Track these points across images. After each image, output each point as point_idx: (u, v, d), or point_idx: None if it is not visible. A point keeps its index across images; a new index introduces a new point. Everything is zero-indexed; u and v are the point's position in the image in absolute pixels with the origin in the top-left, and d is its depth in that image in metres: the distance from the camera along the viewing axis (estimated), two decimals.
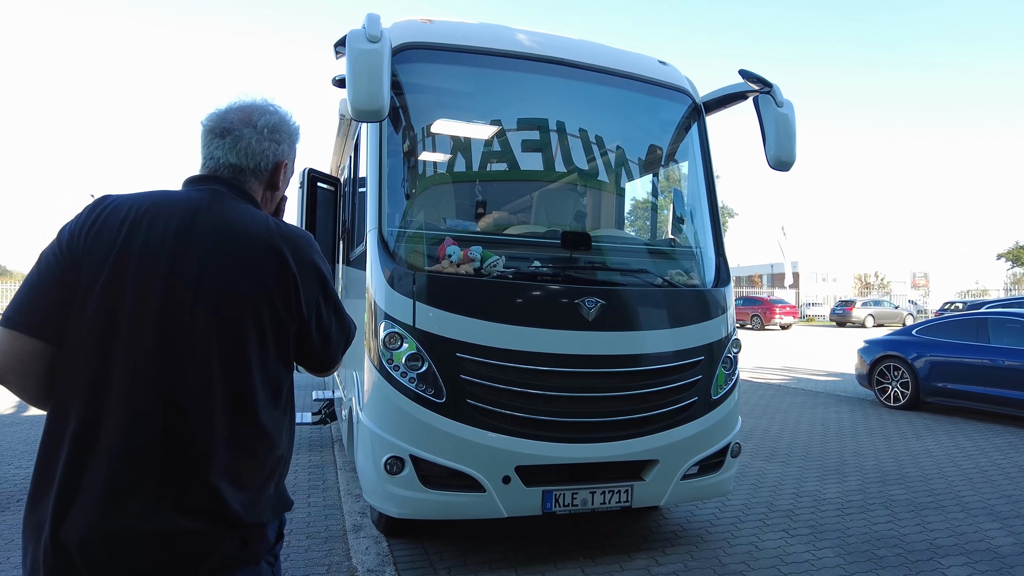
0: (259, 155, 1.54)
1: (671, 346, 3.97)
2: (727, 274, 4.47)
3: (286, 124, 1.60)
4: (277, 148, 1.57)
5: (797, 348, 21.92)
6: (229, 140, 1.52)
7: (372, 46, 3.34)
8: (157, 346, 1.31)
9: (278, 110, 1.60)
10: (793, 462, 6.58)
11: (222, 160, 1.52)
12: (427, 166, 4.52)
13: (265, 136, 1.54)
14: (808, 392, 11.69)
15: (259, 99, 1.60)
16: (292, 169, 1.66)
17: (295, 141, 1.64)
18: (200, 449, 1.32)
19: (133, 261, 1.33)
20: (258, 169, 1.55)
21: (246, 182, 1.55)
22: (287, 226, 1.51)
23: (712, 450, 4.12)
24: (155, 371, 1.31)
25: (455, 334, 3.59)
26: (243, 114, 1.54)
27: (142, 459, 1.28)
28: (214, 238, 1.38)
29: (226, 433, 1.34)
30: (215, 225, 1.40)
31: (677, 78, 4.75)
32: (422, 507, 3.58)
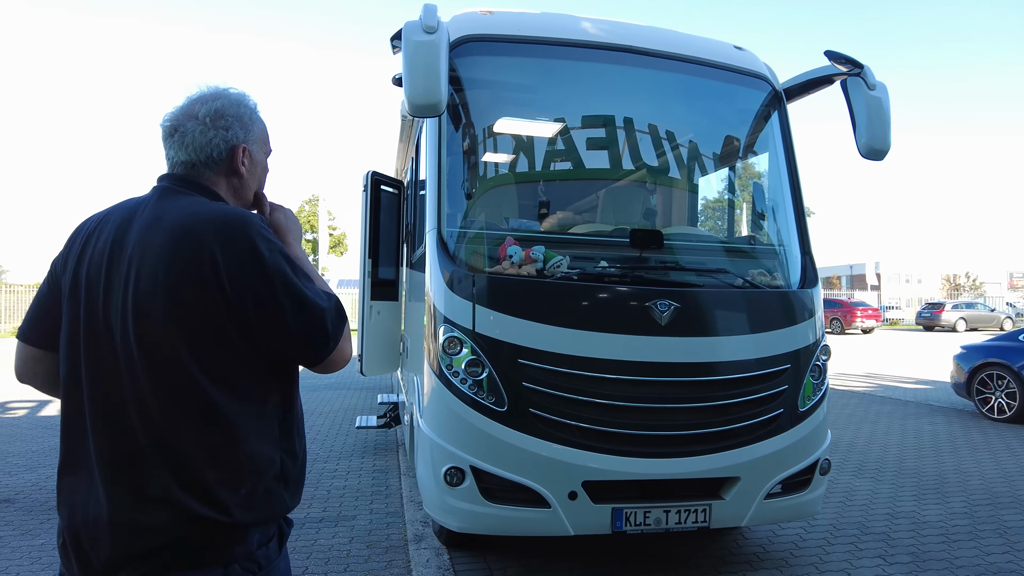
0: (207, 146, 1.52)
1: (753, 353, 3.64)
2: (814, 274, 4.10)
3: (233, 107, 1.55)
4: (226, 134, 1.53)
5: (881, 353, 20.68)
6: (177, 137, 1.52)
7: (428, 37, 3.18)
8: (105, 350, 1.39)
9: (223, 94, 1.56)
10: (885, 478, 6.06)
11: (174, 158, 1.54)
12: (488, 164, 4.35)
13: (209, 125, 1.52)
14: (897, 401, 10.91)
15: (207, 88, 1.57)
16: (258, 150, 1.61)
17: (249, 121, 1.58)
18: (147, 445, 1.36)
19: (83, 273, 1.44)
20: (211, 160, 1.53)
21: (201, 175, 1.54)
22: (223, 210, 1.45)
23: (799, 467, 3.76)
24: (105, 373, 1.39)
25: (517, 339, 3.39)
26: (188, 107, 1.54)
27: (106, 452, 1.38)
28: (141, 236, 1.41)
29: (173, 429, 1.36)
30: (145, 224, 1.42)
31: (755, 64, 4.42)
32: (484, 521, 3.39)
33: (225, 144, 1.53)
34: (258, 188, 1.67)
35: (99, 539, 1.34)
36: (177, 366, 1.36)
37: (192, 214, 1.41)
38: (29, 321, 1.55)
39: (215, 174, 1.55)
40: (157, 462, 1.35)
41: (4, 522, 4.67)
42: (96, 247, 1.44)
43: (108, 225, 1.46)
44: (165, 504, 1.34)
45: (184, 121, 1.51)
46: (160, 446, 1.35)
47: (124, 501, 1.34)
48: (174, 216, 1.41)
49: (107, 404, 1.38)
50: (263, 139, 1.63)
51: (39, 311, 1.53)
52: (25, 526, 4.59)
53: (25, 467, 6.22)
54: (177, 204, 1.44)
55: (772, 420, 3.67)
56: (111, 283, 1.39)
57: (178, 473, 1.35)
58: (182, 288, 1.35)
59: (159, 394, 1.36)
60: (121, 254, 1.40)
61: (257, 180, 1.64)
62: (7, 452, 6.82)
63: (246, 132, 1.56)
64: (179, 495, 1.34)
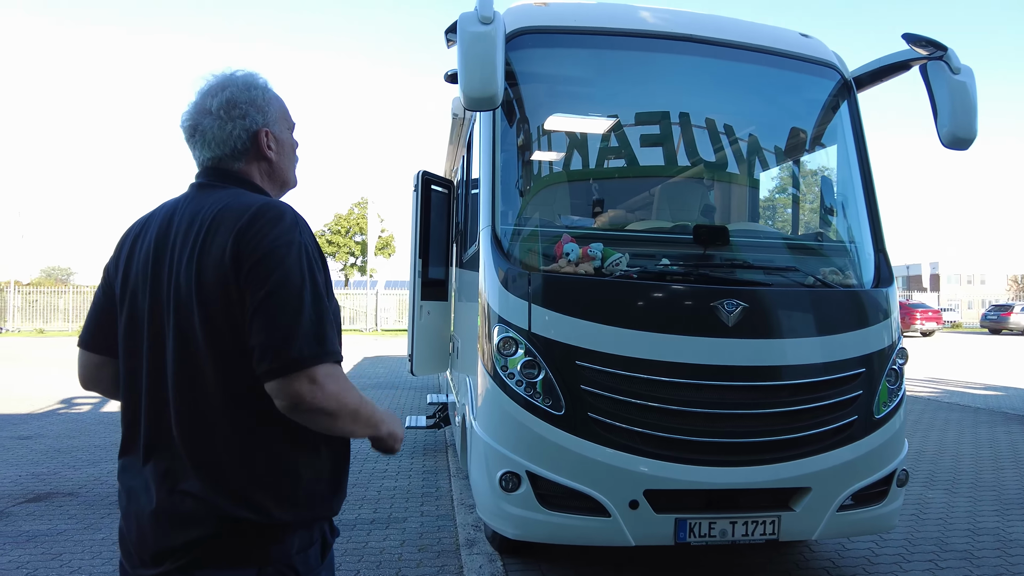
0: (228, 139, 1.48)
1: (826, 356, 3.43)
2: (889, 272, 3.86)
3: (244, 93, 1.50)
4: (244, 122, 1.49)
5: (945, 357, 19.76)
6: (197, 136, 1.49)
7: (484, 28, 3.09)
8: (158, 351, 1.38)
9: (230, 81, 1.51)
10: (960, 491, 5.70)
11: (202, 157, 1.51)
12: (544, 160, 4.24)
13: (224, 117, 1.48)
14: (966, 408, 10.36)
15: (212, 77, 1.52)
16: (281, 129, 1.56)
17: (264, 103, 1.52)
18: (180, 444, 1.34)
19: (132, 276, 1.44)
20: (236, 152, 1.50)
21: (232, 166, 1.51)
22: (260, 199, 1.39)
23: (874, 477, 3.53)
24: (157, 375, 1.38)
25: (574, 340, 3.27)
26: (200, 103, 1.49)
27: (152, 449, 1.39)
28: (181, 234, 1.39)
29: (202, 429, 1.34)
30: (183, 221, 1.40)
31: (823, 52, 4.19)
32: (540, 529, 3.28)
33: (246, 133, 1.49)
34: (291, 168, 1.62)
35: (145, 531, 1.36)
36: (204, 363, 1.33)
37: (225, 206, 1.38)
38: (88, 328, 1.55)
39: (244, 163, 1.51)
40: (188, 462, 1.33)
41: (68, 516, 4.78)
42: (141, 250, 1.45)
43: (151, 227, 1.46)
44: (200, 501, 1.32)
45: (200, 119, 1.48)
46: (189, 445, 1.34)
47: (165, 496, 1.34)
48: (207, 210, 1.39)
49: (155, 403, 1.38)
50: (283, 116, 1.58)
51: (97, 318, 1.54)
52: (87, 520, 4.68)
53: (88, 461, 6.39)
54: (213, 198, 1.42)
55: (845, 427, 3.46)
56: (158, 283, 1.39)
57: (209, 473, 1.33)
58: (207, 282, 1.31)
59: (190, 394, 1.34)
60: (163, 254, 1.39)
61: (288, 158, 1.60)
62: (72, 447, 7.03)
63: (263, 115, 1.51)
64: (211, 495, 1.32)
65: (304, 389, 1.25)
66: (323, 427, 1.33)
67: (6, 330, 26.67)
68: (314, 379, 1.26)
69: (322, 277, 1.37)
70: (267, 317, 1.27)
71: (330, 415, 1.29)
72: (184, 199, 1.48)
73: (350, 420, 1.34)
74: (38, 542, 4.24)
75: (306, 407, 1.26)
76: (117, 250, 1.54)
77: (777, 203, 4.87)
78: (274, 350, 1.25)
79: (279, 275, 1.28)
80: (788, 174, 4.68)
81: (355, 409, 1.34)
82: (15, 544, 4.20)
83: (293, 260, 1.30)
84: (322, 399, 1.26)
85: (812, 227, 4.58)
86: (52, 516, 4.75)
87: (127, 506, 1.42)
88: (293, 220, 1.36)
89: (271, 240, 1.30)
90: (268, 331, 1.26)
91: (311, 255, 1.35)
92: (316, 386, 1.26)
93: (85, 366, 1.57)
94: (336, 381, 1.29)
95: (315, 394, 1.26)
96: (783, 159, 4.62)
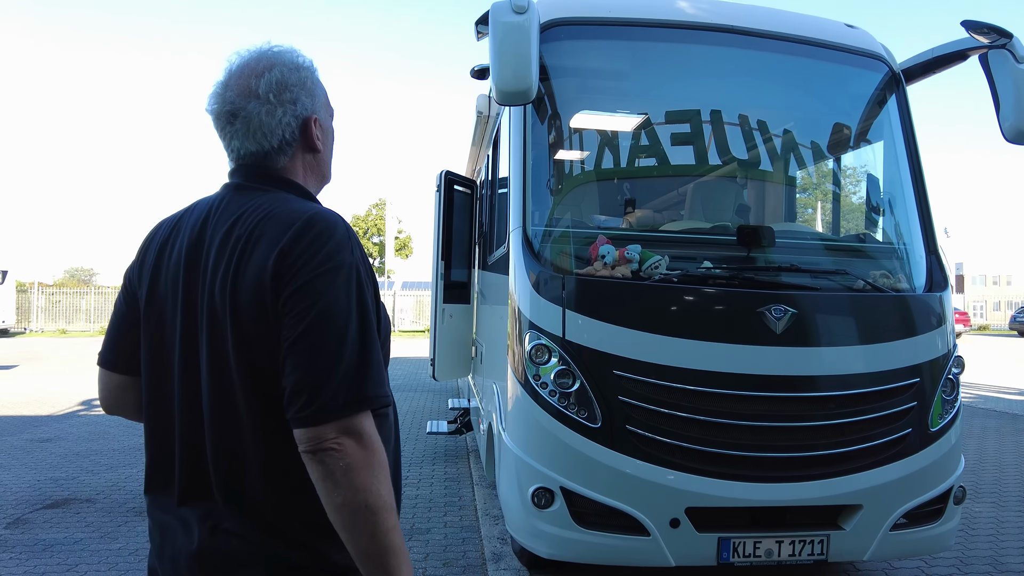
0: (278, 128, 1.26)
1: (878, 365, 3.22)
2: (943, 275, 3.63)
3: (293, 72, 1.28)
4: (294, 108, 1.28)
5: (975, 361, 19.26)
6: (239, 124, 1.26)
7: (518, 18, 2.92)
8: (187, 377, 1.21)
9: (276, 59, 1.28)
10: (1009, 504, 5.43)
11: (242, 150, 1.29)
12: (576, 158, 4.06)
13: (274, 103, 1.25)
14: (1004, 415, 10.00)
15: (249, 54, 1.29)
16: (325, 116, 1.37)
17: (313, 85, 1.32)
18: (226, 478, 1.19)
19: (161, 288, 1.26)
20: (283, 143, 1.28)
21: (276, 161, 1.29)
22: (294, 208, 1.19)
23: (930, 494, 3.32)
24: (191, 403, 1.21)
25: (611, 348, 3.09)
26: (242, 84, 1.26)
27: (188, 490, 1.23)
28: (212, 246, 1.20)
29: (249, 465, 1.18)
30: (220, 228, 1.21)
31: (870, 43, 3.98)
32: (575, 548, 3.10)
33: (296, 120, 1.28)
34: (331, 161, 1.44)
35: (183, 574, 1.20)
36: (239, 394, 1.15)
37: (267, 215, 1.18)
38: (110, 344, 1.36)
39: (289, 158, 1.31)
40: (233, 503, 1.17)
41: (85, 523, 4.68)
42: (171, 259, 1.26)
43: (181, 233, 1.27)
44: (249, 543, 1.16)
45: (243, 103, 1.25)
46: (232, 484, 1.17)
47: (208, 536, 1.18)
48: (247, 219, 1.19)
49: (191, 439, 1.20)
50: (326, 101, 1.38)
51: (120, 331, 1.34)
52: (104, 528, 4.58)
53: (107, 466, 6.32)
54: (253, 204, 1.22)
55: (899, 441, 3.25)
56: (190, 300, 1.21)
57: (258, 515, 1.16)
58: (243, 303, 1.13)
59: (231, 428, 1.17)
60: (196, 266, 1.21)
61: (330, 150, 1.42)
62: (90, 450, 6.97)
63: (313, 100, 1.31)
64: (261, 536, 1.16)
65: (328, 439, 1.06)
66: (330, 489, 1.07)
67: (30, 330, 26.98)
68: (347, 430, 1.07)
69: (371, 297, 1.18)
70: (302, 356, 1.08)
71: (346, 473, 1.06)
72: (218, 202, 1.27)
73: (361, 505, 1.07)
74: (54, 551, 4.14)
75: (329, 460, 1.06)
76: (140, 254, 1.34)
77: (820, 202, 4.65)
78: (305, 395, 1.07)
79: (321, 307, 1.09)
80: (832, 172, 4.46)
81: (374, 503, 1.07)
82: (31, 553, 4.10)
83: (341, 287, 1.11)
84: (349, 454, 1.06)
85: (858, 228, 4.36)
86: (69, 524, 4.66)
87: (161, 545, 1.25)
88: (345, 236, 1.16)
89: (318, 263, 1.11)
90: (301, 372, 1.08)
91: (362, 278, 1.16)
92: (346, 438, 1.07)
93: (108, 388, 1.38)
94: (370, 442, 1.09)
95: (344, 447, 1.06)
96: (826, 156, 4.40)
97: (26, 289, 27.80)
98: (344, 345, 1.09)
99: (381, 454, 1.11)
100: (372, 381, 1.11)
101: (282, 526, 1.16)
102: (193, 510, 1.20)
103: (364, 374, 1.10)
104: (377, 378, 1.13)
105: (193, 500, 1.20)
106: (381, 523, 1.07)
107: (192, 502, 1.20)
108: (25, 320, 27.30)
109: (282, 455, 1.14)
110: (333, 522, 1.08)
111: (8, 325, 24.95)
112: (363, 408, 1.09)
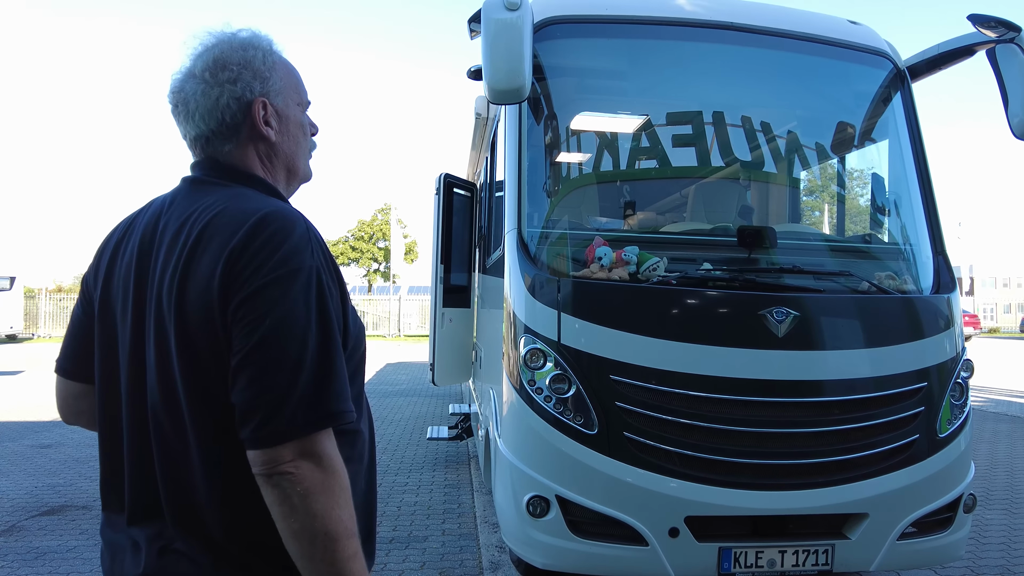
0: (215, 109, 1.16)
1: (885, 369, 3.13)
2: (950, 277, 3.54)
3: (238, 52, 1.17)
4: (234, 88, 1.16)
5: (985, 364, 19.04)
6: (180, 107, 1.18)
7: (511, 15, 2.86)
8: (134, 386, 1.14)
9: (220, 36, 1.19)
10: (1021, 511, 5.31)
11: (187, 136, 1.21)
12: (573, 159, 3.99)
13: (210, 81, 1.15)
14: (1015, 419, 9.85)
15: (205, 35, 1.20)
16: (286, 103, 1.23)
17: (264, 67, 1.19)
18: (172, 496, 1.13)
19: (112, 293, 1.19)
20: (225, 127, 1.17)
21: (221, 151, 1.19)
22: (249, 206, 1.08)
23: (939, 503, 3.22)
24: (138, 414, 1.13)
25: (608, 352, 3.01)
26: (188, 67, 1.18)
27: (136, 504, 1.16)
28: (162, 245, 1.12)
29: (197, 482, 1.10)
30: (170, 229, 1.13)
31: (874, 40, 3.89)
32: (571, 558, 3.01)
33: (236, 102, 1.16)
34: (300, 155, 1.28)
35: None
36: (187, 411, 1.07)
37: (219, 212, 1.09)
38: (66, 351, 1.30)
39: (235, 146, 1.19)
40: (179, 522, 1.10)
41: (80, 531, 4.63)
42: (123, 259, 1.19)
43: (135, 233, 1.19)
44: (198, 565, 1.09)
45: (181, 85, 1.17)
46: (177, 502, 1.09)
47: (155, 558, 1.11)
48: (198, 216, 1.11)
49: (139, 450, 1.14)
50: (291, 87, 1.24)
51: (76, 338, 1.28)
52: (98, 536, 4.52)
53: None
54: (208, 199, 1.12)
55: (907, 447, 3.15)
56: (140, 303, 1.13)
57: (204, 535, 1.09)
58: (190, 312, 1.04)
59: (176, 442, 1.09)
60: (146, 267, 1.13)
61: (293, 140, 1.26)
62: (90, 456, 6.93)
63: (263, 82, 1.18)
64: (210, 557, 1.09)
65: (285, 462, 0.98)
66: (286, 514, 0.99)
67: (37, 336, 27.09)
68: (305, 451, 0.99)
69: (335, 304, 1.09)
70: (255, 370, 0.99)
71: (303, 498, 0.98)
72: (173, 197, 1.19)
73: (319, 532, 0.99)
74: (47, 559, 4.09)
75: (286, 484, 0.98)
76: (96, 257, 1.26)
77: (823, 203, 4.56)
78: (260, 414, 0.98)
79: (276, 316, 1.00)
80: (835, 172, 4.37)
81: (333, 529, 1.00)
82: (23, 562, 4.05)
83: (299, 294, 1.01)
84: (307, 477, 0.98)
85: (862, 228, 4.27)
86: (64, 531, 4.61)
87: (110, 567, 1.19)
88: (304, 236, 1.06)
89: (271, 267, 1.01)
90: (255, 389, 0.99)
91: (323, 283, 1.06)
92: (303, 460, 0.98)
93: (64, 397, 1.32)
94: (330, 463, 1.01)
95: (300, 470, 0.98)
96: (830, 155, 4.31)
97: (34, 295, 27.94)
98: (302, 359, 1.00)
99: (342, 476, 1.03)
100: (334, 397, 1.03)
101: (230, 547, 1.08)
102: (143, 530, 1.12)
103: (325, 390, 1.01)
104: (340, 393, 1.04)
105: (142, 519, 1.13)
106: (341, 551, 1.00)
107: (141, 522, 1.13)
108: (33, 326, 27.43)
109: (232, 472, 1.05)
110: (289, 549, 1.01)
111: (16, 331, 25.05)
112: (323, 427, 1.01)
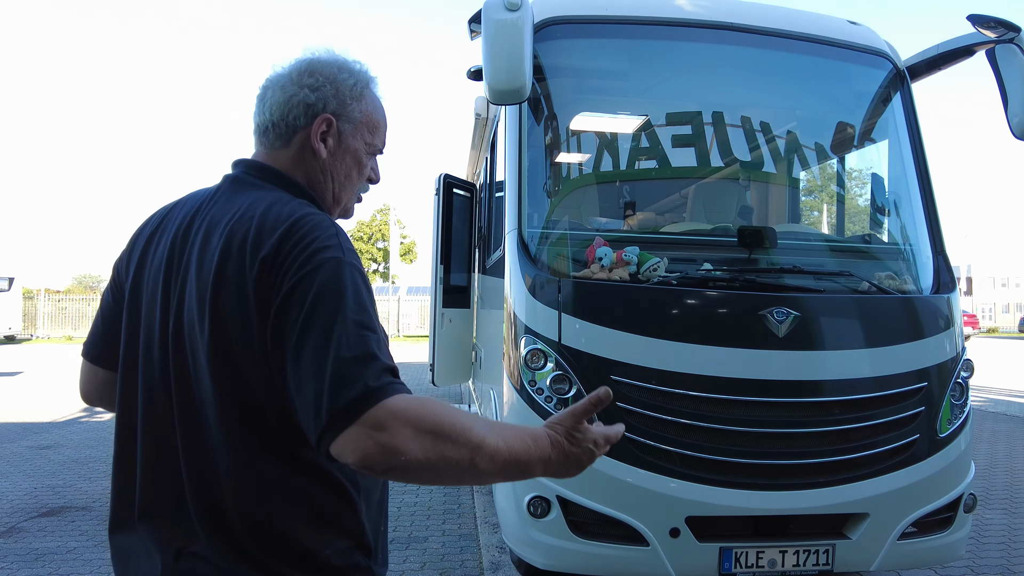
0: (285, 104, 1.18)
1: (885, 369, 3.13)
2: (950, 277, 3.55)
3: (332, 68, 1.20)
4: (311, 94, 1.18)
5: (984, 364, 19.06)
6: (261, 94, 1.22)
7: (511, 15, 2.86)
8: (159, 381, 1.13)
9: (329, 55, 1.23)
10: (1021, 511, 5.31)
11: (255, 123, 1.23)
12: (573, 159, 3.99)
13: (293, 80, 1.19)
14: (1015, 418, 9.86)
15: (323, 50, 1.25)
16: (353, 134, 1.22)
17: (348, 91, 1.20)
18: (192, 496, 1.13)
19: (143, 284, 1.19)
20: (285, 124, 1.18)
21: (270, 148, 1.21)
22: (285, 211, 1.08)
23: (939, 502, 3.22)
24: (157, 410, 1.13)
25: (609, 352, 3.01)
26: (288, 67, 1.23)
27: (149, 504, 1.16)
28: (195, 243, 1.13)
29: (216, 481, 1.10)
30: (205, 226, 1.13)
31: (874, 40, 3.90)
32: (572, 559, 3.02)
33: (306, 107, 1.17)
34: (347, 190, 1.26)
35: None
36: (214, 410, 1.07)
37: (257, 214, 1.08)
38: (94, 337, 1.32)
39: (285, 146, 1.20)
40: (197, 521, 1.08)
41: (79, 531, 4.62)
42: (157, 251, 1.19)
43: (171, 224, 1.20)
44: (215, 567, 1.08)
45: (277, 77, 1.21)
46: (198, 501, 1.09)
47: (171, 561, 1.10)
48: (235, 216, 1.10)
49: (157, 451, 1.13)
50: (368, 125, 1.23)
51: (105, 324, 1.30)
52: (99, 536, 4.52)
53: (104, 473, 6.26)
54: (246, 200, 1.13)
55: (907, 447, 3.16)
56: (168, 298, 1.13)
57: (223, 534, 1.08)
58: (226, 311, 1.04)
59: (200, 445, 1.09)
60: (178, 263, 1.13)
61: (345, 172, 1.24)
62: (89, 457, 6.92)
63: (341, 104, 1.19)
64: (228, 559, 1.08)
65: (367, 445, 0.92)
66: (415, 482, 1.01)
67: (36, 337, 27.07)
68: (379, 425, 0.93)
69: (367, 290, 1.07)
70: (306, 361, 0.97)
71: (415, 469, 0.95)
72: (213, 195, 1.20)
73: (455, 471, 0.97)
74: (46, 561, 4.08)
75: (387, 465, 0.94)
76: (130, 245, 1.27)
77: (823, 203, 4.57)
78: (319, 404, 0.95)
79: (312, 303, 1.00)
80: (835, 172, 4.38)
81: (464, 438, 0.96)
82: (23, 563, 4.05)
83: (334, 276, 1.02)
84: (398, 448, 0.92)
85: (862, 228, 4.27)
86: (63, 532, 4.60)
87: (123, 572, 1.18)
88: (334, 236, 1.06)
89: (302, 262, 1.02)
90: (308, 382, 0.96)
91: (358, 268, 1.06)
92: (382, 434, 0.93)
93: (88, 380, 1.35)
94: (409, 418, 0.95)
95: (387, 446, 0.92)
96: (830, 156, 4.32)
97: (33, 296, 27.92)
98: (345, 337, 0.98)
99: (426, 416, 0.95)
100: (383, 359, 1.00)
101: (252, 549, 1.07)
102: (154, 532, 1.11)
103: (371, 359, 0.98)
104: (385, 358, 1.01)
105: (153, 520, 1.12)
106: (482, 459, 0.97)
107: (153, 522, 1.12)
108: (32, 327, 27.40)
109: (261, 469, 1.06)
110: None
111: (15, 332, 25.03)
112: (386, 395, 0.95)
